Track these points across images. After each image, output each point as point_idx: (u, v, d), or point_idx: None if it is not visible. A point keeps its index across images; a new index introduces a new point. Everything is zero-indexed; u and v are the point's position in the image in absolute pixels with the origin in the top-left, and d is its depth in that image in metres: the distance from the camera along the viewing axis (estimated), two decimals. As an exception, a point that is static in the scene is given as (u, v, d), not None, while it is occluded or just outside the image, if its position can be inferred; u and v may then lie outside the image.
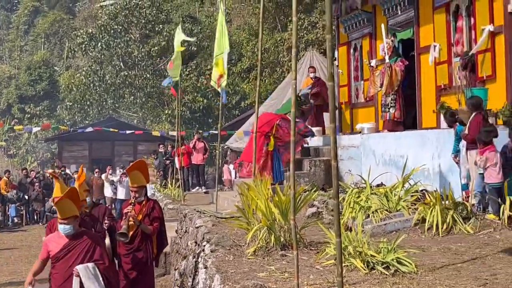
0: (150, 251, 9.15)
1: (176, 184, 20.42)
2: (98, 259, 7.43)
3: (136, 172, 9.14)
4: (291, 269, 6.71)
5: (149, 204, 9.24)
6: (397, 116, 14.08)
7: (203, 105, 37.40)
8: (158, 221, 9.22)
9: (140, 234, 9.02)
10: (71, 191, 7.59)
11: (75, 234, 7.44)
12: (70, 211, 7.37)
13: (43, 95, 52.25)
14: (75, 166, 34.80)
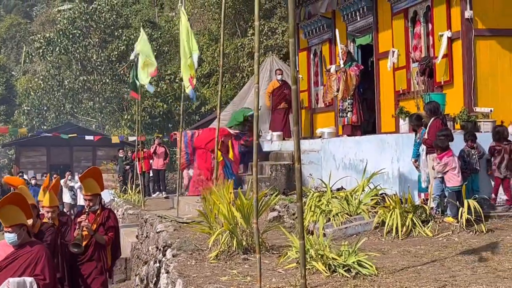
0: (104, 261, 8.69)
1: (136, 190, 20.29)
2: (39, 274, 6.79)
3: (90, 180, 8.77)
4: (254, 272, 6.74)
5: (104, 213, 8.82)
6: (355, 120, 14.25)
7: (163, 110, 37.21)
8: (113, 231, 8.80)
9: (93, 244, 8.58)
10: (16, 197, 7.14)
11: (21, 244, 6.91)
12: (14, 219, 6.86)
13: (0, 100, 51.48)
14: (33, 172, 34.35)
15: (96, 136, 33.43)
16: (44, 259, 6.87)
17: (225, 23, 31.25)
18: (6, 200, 6.97)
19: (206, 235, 8.78)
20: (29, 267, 6.77)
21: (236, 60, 32.66)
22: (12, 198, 7.05)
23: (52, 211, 8.66)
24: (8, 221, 6.84)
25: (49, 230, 7.96)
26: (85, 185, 8.78)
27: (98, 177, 8.97)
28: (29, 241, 7.00)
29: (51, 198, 8.70)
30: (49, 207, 8.65)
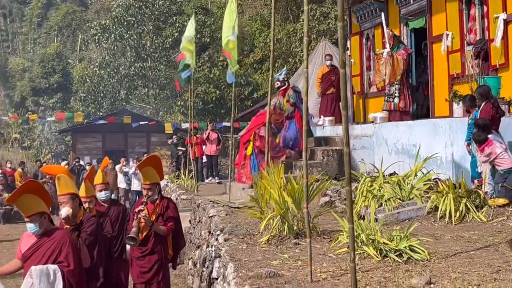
0: (165, 253, 8.51)
1: (189, 175, 20.48)
2: (62, 261, 6.48)
3: (149, 169, 8.50)
4: (304, 257, 6.76)
5: (163, 203, 8.57)
6: (402, 106, 14.08)
7: (215, 96, 37.39)
8: (173, 221, 8.53)
9: (153, 236, 8.38)
10: (32, 185, 6.79)
11: (43, 232, 6.59)
12: (33, 208, 6.54)
13: (57, 87, 52.47)
14: (89, 158, 35.01)
15: (150, 122, 33.87)
16: (68, 246, 6.57)
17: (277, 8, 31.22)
18: (22, 190, 6.67)
19: (257, 220, 8.83)
20: (53, 255, 6.50)
21: (289, 46, 32.61)
22: (28, 186, 6.72)
23: (88, 201, 8.37)
24: (27, 211, 6.57)
25: (90, 220, 7.69)
26: (144, 174, 8.51)
27: (158, 166, 8.69)
28: (52, 229, 6.70)
29: (87, 188, 8.47)
30: (85, 197, 8.35)
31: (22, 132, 52.46)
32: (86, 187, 8.43)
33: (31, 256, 6.54)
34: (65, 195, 7.39)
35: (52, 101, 52.00)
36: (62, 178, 7.46)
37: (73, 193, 7.50)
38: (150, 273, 8.37)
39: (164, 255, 8.47)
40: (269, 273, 6.05)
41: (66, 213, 7.30)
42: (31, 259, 6.53)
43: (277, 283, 5.81)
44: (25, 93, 54.39)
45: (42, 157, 43.29)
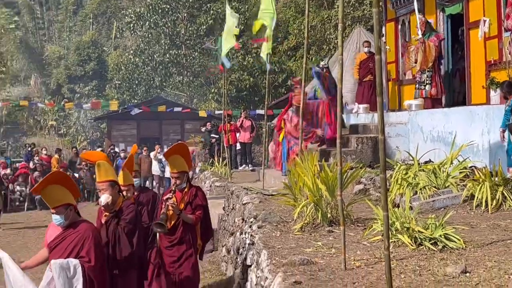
0: (194, 242, 8.36)
1: (223, 162, 20.55)
2: (84, 256, 6.39)
3: (176, 157, 8.33)
4: (338, 244, 6.74)
5: (191, 191, 8.42)
6: (433, 93, 13.93)
7: (249, 83, 37.37)
8: (201, 210, 8.40)
9: (181, 225, 8.24)
10: (59, 176, 6.73)
11: (69, 224, 6.53)
12: (59, 200, 6.46)
13: (92, 75, 52.88)
14: (124, 145, 35.29)
15: (184, 109, 34.01)
16: (90, 240, 6.45)
17: (311, -5, 30.98)
18: (48, 180, 6.56)
19: (291, 207, 8.82)
20: (75, 249, 6.41)
21: (323, 33, 32.45)
22: (55, 177, 6.62)
23: (127, 189, 8.37)
24: (53, 202, 6.47)
25: (130, 207, 7.60)
26: (171, 162, 8.38)
27: (186, 154, 8.53)
28: (77, 221, 6.62)
29: (125, 177, 8.48)
30: (123, 186, 8.29)
31: (58, 119, 52.99)
32: (124, 175, 8.46)
33: (55, 248, 6.48)
34: (105, 182, 7.37)
35: (87, 88, 52.44)
36: (102, 165, 7.43)
37: (113, 180, 7.47)
38: (178, 263, 8.23)
39: (193, 244, 8.33)
40: (302, 260, 6.04)
41: (105, 200, 7.28)
42: (55, 250, 6.47)
43: (310, 271, 5.80)
44: (61, 81, 54.90)
45: (78, 144, 43.74)
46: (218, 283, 10.95)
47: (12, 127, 52.69)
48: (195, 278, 8.45)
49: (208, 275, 11.51)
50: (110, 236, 7.22)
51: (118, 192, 7.54)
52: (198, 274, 8.63)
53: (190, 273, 8.26)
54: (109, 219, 7.35)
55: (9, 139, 50.47)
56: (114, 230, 7.28)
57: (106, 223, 7.33)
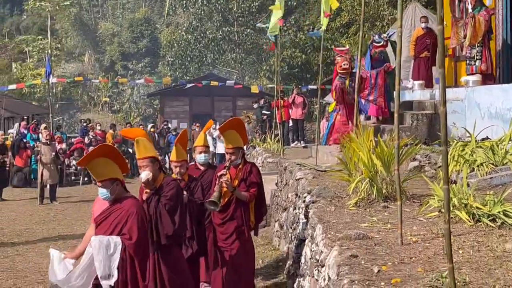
0: (247, 219, 8.22)
1: (275, 139, 20.55)
2: (125, 233, 6.29)
3: (232, 132, 8.18)
4: (394, 220, 6.68)
5: (246, 167, 8.26)
6: (484, 69, 13.62)
7: (301, 60, 37.23)
8: (256, 187, 8.23)
9: (235, 201, 8.16)
10: (107, 149, 6.61)
11: (115, 199, 6.47)
12: (105, 174, 6.38)
13: (145, 52, 53.38)
14: (176, 121, 35.62)
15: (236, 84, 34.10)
16: (134, 217, 6.32)
17: (366, -30, 30.60)
18: (95, 153, 6.46)
19: (345, 183, 8.77)
20: (119, 225, 6.33)
21: (376, 9, 32.01)
22: (103, 150, 6.51)
23: (180, 165, 8.24)
24: (99, 175, 6.40)
25: (170, 184, 7.43)
26: (226, 137, 8.18)
27: (241, 129, 8.35)
28: (124, 197, 6.51)
29: (178, 152, 8.29)
30: (176, 162, 8.26)
31: (112, 96, 53.73)
32: (177, 150, 8.27)
33: (101, 223, 6.43)
34: (145, 159, 7.24)
35: (140, 65, 52.98)
36: (141, 142, 7.33)
37: (153, 156, 7.35)
38: (231, 239, 8.14)
39: (246, 221, 8.19)
40: (358, 234, 6.01)
41: (146, 177, 7.17)
42: (100, 226, 6.42)
43: (366, 245, 5.77)
44: (114, 58, 55.56)
45: (131, 120, 44.33)
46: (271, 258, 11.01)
47: (67, 103, 53.66)
48: (248, 255, 8.36)
49: (261, 250, 11.58)
50: (151, 213, 7.13)
51: (158, 169, 7.39)
52: (251, 251, 8.50)
53: (242, 249, 8.16)
54: (150, 196, 7.26)
55: (64, 115, 51.43)
56: (155, 207, 7.19)
57: (147, 200, 7.26)
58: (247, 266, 8.34)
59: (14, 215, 17.49)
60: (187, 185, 8.23)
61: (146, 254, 6.46)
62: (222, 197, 8.00)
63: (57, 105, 51.11)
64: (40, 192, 19.52)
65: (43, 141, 20.03)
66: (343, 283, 4.79)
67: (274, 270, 10.38)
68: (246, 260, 8.30)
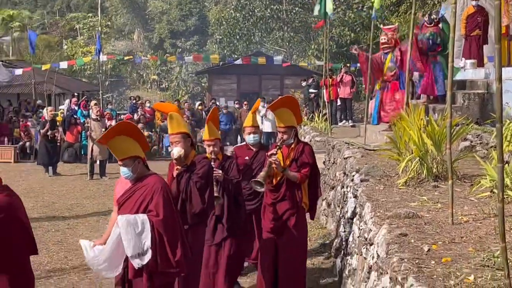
0: (299, 201, 7.80)
1: (323, 118, 20.46)
2: (152, 209, 6.04)
3: (284, 110, 7.75)
4: (444, 199, 6.60)
5: (298, 147, 7.84)
6: None
7: (350, 39, 36.83)
8: (308, 167, 7.77)
9: (286, 182, 7.77)
10: (127, 126, 6.36)
11: (137, 178, 6.23)
12: (126, 151, 6.14)
13: (194, 30, 53.60)
14: (224, 99, 35.70)
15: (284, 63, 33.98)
16: (160, 193, 6.07)
17: None
18: (115, 131, 6.22)
19: (394, 162, 8.69)
20: (144, 203, 6.09)
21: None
22: (123, 127, 6.27)
23: (213, 144, 7.89)
24: (120, 153, 6.17)
25: (202, 162, 7.25)
26: (278, 116, 7.78)
27: (294, 108, 7.91)
28: (146, 175, 6.27)
29: (210, 130, 7.91)
30: (208, 140, 7.92)
31: (160, 74, 54.17)
32: (209, 129, 7.93)
33: (124, 203, 6.22)
34: (177, 134, 7.13)
35: (189, 43, 53.24)
36: (175, 117, 7.17)
37: (185, 132, 7.22)
38: (280, 221, 7.81)
39: (297, 203, 7.81)
40: (408, 213, 5.96)
41: (178, 153, 7.04)
42: (124, 206, 6.21)
43: (416, 224, 5.71)
44: (163, 35, 55.92)
45: (179, 98, 44.64)
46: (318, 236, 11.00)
47: (116, 81, 54.28)
48: (299, 237, 7.94)
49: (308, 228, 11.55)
50: (181, 190, 7.02)
51: (190, 146, 7.26)
52: (303, 233, 8.06)
53: (292, 231, 7.81)
54: (181, 172, 7.13)
55: (114, 92, 52.04)
56: (186, 184, 7.08)
57: (178, 176, 7.13)
58: (297, 248, 7.94)
59: (64, 190, 17.81)
60: (221, 164, 7.98)
61: (175, 231, 6.14)
62: (274, 177, 7.76)
63: (107, 82, 51.71)
64: (90, 167, 19.82)
65: (93, 117, 20.29)
66: (392, 261, 4.76)
67: (321, 248, 10.37)
68: (296, 242, 7.90)
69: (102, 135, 6.41)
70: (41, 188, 18.04)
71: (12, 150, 24.72)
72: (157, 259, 5.95)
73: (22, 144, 25.64)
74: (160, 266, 5.97)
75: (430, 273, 4.36)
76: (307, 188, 7.91)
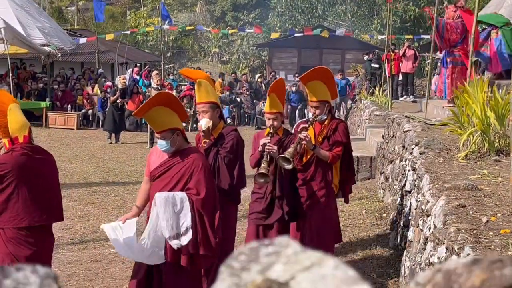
0: (328, 183, 7.33)
1: (384, 92, 20.23)
2: (191, 187, 5.62)
3: (317, 83, 7.19)
4: (505, 174, 6.48)
5: (331, 124, 7.34)
6: None
7: (414, 14, 36.27)
8: (341, 146, 7.30)
9: (315, 161, 7.27)
10: (165, 97, 5.94)
11: (176, 151, 5.78)
12: (164, 123, 5.71)
13: (255, 3, 53.46)
14: (284, 73, 35.62)
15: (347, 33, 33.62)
16: (200, 170, 5.65)
17: None
18: (153, 102, 5.81)
19: (455, 136, 8.55)
20: (182, 180, 5.68)
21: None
22: (160, 98, 5.85)
23: (273, 117, 7.11)
24: (158, 126, 5.76)
25: (230, 134, 6.83)
26: (310, 89, 7.23)
27: (329, 81, 7.33)
28: (185, 148, 5.85)
29: (272, 102, 7.13)
30: (269, 113, 7.16)
31: (221, 47, 54.31)
32: (270, 101, 7.16)
33: (160, 177, 5.81)
34: (206, 104, 6.77)
35: (251, 16, 53.16)
36: (203, 84, 6.78)
37: (214, 102, 6.86)
38: (308, 202, 7.30)
39: (328, 184, 7.33)
40: (467, 185, 5.87)
41: (206, 125, 6.68)
42: (159, 180, 5.81)
43: (475, 196, 5.63)
44: (225, 8, 55.94)
45: (240, 71, 44.70)
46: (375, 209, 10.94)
47: (178, 52, 54.70)
48: (328, 221, 7.49)
49: (364, 201, 11.52)
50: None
51: (219, 117, 6.92)
52: (332, 216, 7.64)
53: (321, 214, 7.35)
54: (209, 146, 6.77)
55: (175, 63, 52.46)
56: (214, 159, 6.70)
57: (206, 151, 6.71)
58: (327, 233, 7.48)
59: (124, 157, 18.13)
60: (280, 140, 7.21)
61: (215, 210, 5.75)
62: (305, 155, 7.29)
63: (169, 53, 52.14)
64: (150, 136, 20.09)
65: (154, 86, 20.52)
66: (449, 231, 4.71)
67: (378, 221, 10.31)
68: (325, 226, 7.42)
69: (140, 107, 5.96)
70: (102, 154, 18.44)
71: (75, 117, 25.26)
72: (198, 241, 5.58)
73: (85, 111, 26.17)
74: (201, 248, 5.60)
75: (487, 244, 4.30)
76: (339, 169, 7.51)
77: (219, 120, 6.93)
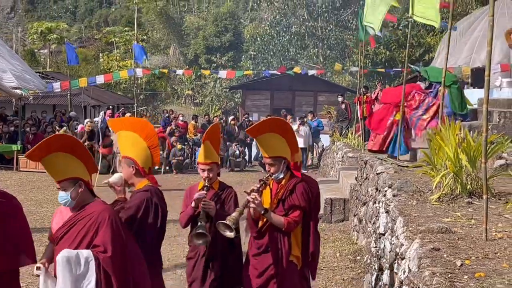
0: (285, 253, 5.93)
1: (356, 134, 20.35)
2: (98, 244, 4.91)
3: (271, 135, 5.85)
4: (478, 216, 6.50)
5: (289, 184, 5.96)
6: None
7: (385, 57, 36.74)
8: (298, 211, 5.91)
9: (269, 228, 5.97)
10: (69, 142, 5.06)
11: (79, 205, 5.10)
12: (64, 172, 5.00)
13: (228, 46, 53.94)
14: (257, 115, 35.77)
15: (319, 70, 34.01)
16: (108, 225, 4.95)
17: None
18: (54, 145, 4.95)
19: (427, 178, 8.60)
20: (87, 236, 4.95)
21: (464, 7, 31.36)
22: (64, 142, 5.01)
23: (209, 168, 6.29)
24: (57, 174, 5.01)
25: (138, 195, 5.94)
26: (261, 143, 5.92)
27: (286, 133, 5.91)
28: (91, 202, 5.13)
29: (206, 152, 6.26)
30: (203, 164, 6.31)
31: (194, 89, 54.52)
32: (205, 150, 6.30)
33: (63, 238, 5.05)
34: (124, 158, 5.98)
35: (224, 59, 53.58)
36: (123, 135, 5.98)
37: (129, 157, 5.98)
38: (261, 278, 6.02)
39: (284, 256, 5.95)
40: (441, 228, 5.87)
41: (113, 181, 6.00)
42: (62, 241, 5.04)
43: (449, 239, 5.63)
44: (198, 51, 56.36)
45: (212, 113, 44.81)
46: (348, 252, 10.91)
47: (151, 95, 54.75)
48: None
49: (338, 244, 11.50)
50: None
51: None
52: None
53: None
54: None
55: (148, 106, 52.47)
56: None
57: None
58: None
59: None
60: (217, 194, 6.42)
61: (125, 269, 5.03)
62: (260, 219, 6.04)
63: (142, 96, 52.17)
64: (123, 178, 19.95)
65: (127, 129, 20.40)
66: (424, 275, 4.69)
67: (352, 264, 10.28)
68: None
69: (33, 149, 4.94)
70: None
71: (47, 160, 24.94)
72: None
73: (56, 154, 25.91)
74: None
75: (462, 288, 4.29)
76: (300, 237, 6.06)
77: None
